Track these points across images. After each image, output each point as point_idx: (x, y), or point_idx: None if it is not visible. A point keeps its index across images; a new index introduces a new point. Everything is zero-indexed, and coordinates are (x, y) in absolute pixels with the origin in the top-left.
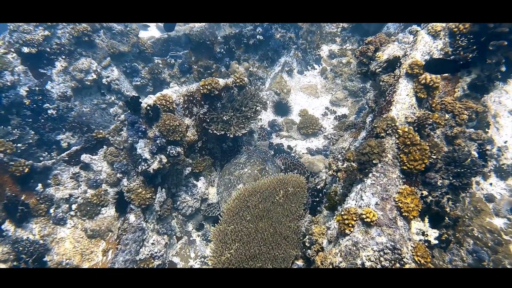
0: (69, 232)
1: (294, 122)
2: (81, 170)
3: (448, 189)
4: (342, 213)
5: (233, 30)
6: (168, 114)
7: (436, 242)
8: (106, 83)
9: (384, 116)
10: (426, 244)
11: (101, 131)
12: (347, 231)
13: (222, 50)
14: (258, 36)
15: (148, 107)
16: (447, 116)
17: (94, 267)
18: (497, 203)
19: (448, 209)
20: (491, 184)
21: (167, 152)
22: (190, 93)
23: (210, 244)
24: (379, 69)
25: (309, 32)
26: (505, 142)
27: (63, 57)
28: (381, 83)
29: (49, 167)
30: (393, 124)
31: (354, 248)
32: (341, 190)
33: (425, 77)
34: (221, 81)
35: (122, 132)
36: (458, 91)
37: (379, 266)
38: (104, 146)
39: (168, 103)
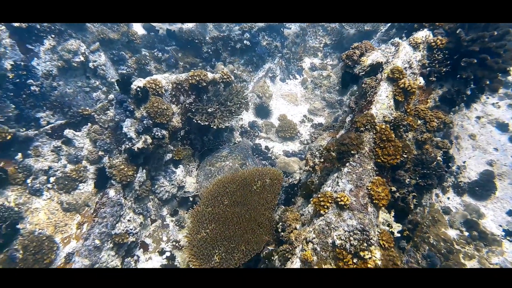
0: (44, 203)
1: (273, 125)
2: (62, 144)
3: (414, 189)
4: (319, 195)
5: (220, 33)
6: (157, 98)
7: (399, 235)
8: (92, 67)
9: (364, 113)
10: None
11: (87, 108)
12: (322, 212)
13: (209, 50)
14: (245, 41)
15: (138, 89)
16: (419, 122)
17: (73, 240)
18: (452, 216)
19: (412, 206)
20: (448, 198)
21: (153, 134)
22: (179, 81)
23: (187, 222)
24: (363, 73)
25: (294, 44)
26: (464, 162)
27: (53, 36)
28: (363, 85)
29: (31, 137)
30: (372, 121)
31: (327, 228)
32: (317, 181)
33: (404, 82)
34: (210, 75)
35: (108, 111)
36: (430, 101)
37: (348, 245)
38: (89, 124)
39: (157, 87)
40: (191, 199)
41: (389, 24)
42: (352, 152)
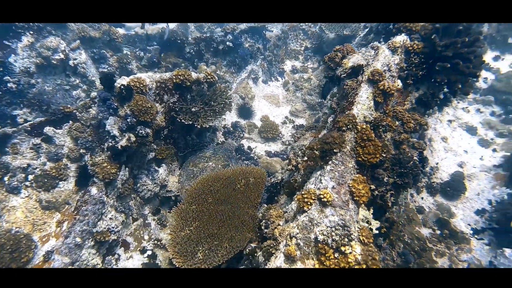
0: (22, 201)
1: (256, 126)
2: (42, 142)
3: (392, 187)
4: (303, 192)
5: (202, 34)
6: (141, 96)
7: (377, 232)
8: (72, 65)
9: (346, 113)
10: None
11: (68, 106)
12: (305, 208)
13: (192, 51)
14: (228, 43)
15: (122, 87)
16: (397, 123)
17: (53, 243)
18: (425, 215)
19: (390, 204)
20: (422, 198)
21: (136, 132)
22: (163, 80)
23: (170, 221)
24: (344, 75)
25: (276, 46)
26: (437, 163)
27: (31, 32)
28: (345, 86)
29: (8, 134)
30: (353, 120)
31: (310, 223)
32: (300, 179)
33: (383, 84)
34: (194, 74)
35: (90, 109)
36: (408, 103)
37: (330, 240)
38: (70, 121)
39: (142, 85)
40: (173, 198)
41: (367, 29)
42: (334, 150)
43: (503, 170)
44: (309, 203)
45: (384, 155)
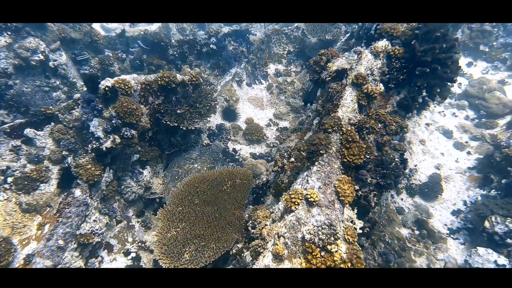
0: (0, 204)
1: (240, 128)
2: (22, 143)
3: (375, 188)
4: (290, 192)
5: (185, 37)
6: (126, 97)
7: (360, 231)
8: (52, 66)
9: (332, 115)
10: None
11: (50, 107)
12: (293, 208)
13: (175, 53)
14: (211, 45)
15: (106, 88)
16: (379, 125)
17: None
18: (405, 216)
19: (373, 204)
20: (402, 199)
21: (121, 133)
22: (148, 82)
23: (156, 222)
24: (329, 78)
25: (259, 50)
26: (416, 165)
27: (9, 33)
28: (329, 89)
29: None
30: (339, 123)
31: (297, 223)
32: (287, 180)
33: (367, 87)
34: (179, 76)
35: (73, 111)
36: (389, 107)
37: (316, 239)
38: (52, 123)
39: (126, 87)
40: (157, 200)
41: (348, 34)
42: (321, 151)
43: (477, 172)
44: (296, 203)
45: (367, 156)
